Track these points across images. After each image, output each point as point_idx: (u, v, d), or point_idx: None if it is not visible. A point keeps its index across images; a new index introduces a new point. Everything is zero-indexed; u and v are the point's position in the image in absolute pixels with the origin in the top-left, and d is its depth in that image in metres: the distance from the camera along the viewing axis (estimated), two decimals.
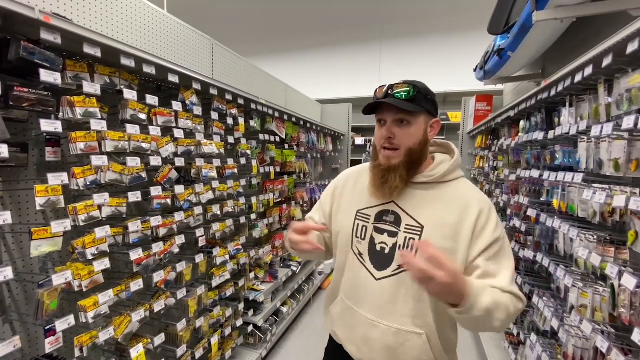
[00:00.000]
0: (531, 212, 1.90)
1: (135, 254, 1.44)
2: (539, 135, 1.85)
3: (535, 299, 1.82)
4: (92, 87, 1.23)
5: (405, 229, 0.94)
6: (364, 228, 1.01)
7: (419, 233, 0.93)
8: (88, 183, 1.26)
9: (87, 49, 1.20)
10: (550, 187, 1.75)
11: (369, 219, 1.01)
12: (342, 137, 5.08)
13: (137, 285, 1.46)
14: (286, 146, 3.14)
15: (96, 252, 1.29)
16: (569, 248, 1.58)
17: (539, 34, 2.01)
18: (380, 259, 0.96)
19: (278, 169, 2.90)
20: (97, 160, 1.24)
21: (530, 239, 1.99)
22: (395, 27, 6.92)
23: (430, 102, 0.96)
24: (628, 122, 1.06)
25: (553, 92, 1.67)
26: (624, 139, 1.19)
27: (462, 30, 6.38)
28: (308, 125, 3.58)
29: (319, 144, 4.02)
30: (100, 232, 1.28)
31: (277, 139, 2.86)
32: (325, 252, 1.12)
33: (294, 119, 3.14)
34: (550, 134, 1.71)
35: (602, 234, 1.37)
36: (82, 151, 1.23)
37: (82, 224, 1.25)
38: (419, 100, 0.92)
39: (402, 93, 0.92)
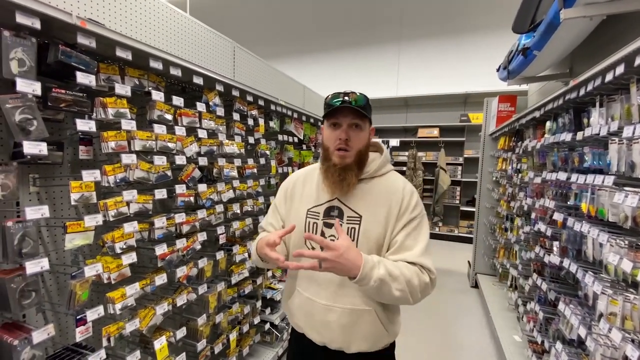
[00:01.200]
0: (557, 216, 1.84)
1: (160, 249, 1.49)
2: (566, 137, 1.78)
3: (561, 306, 1.75)
4: (123, 89, 1.29)
5: (347, 220, 1.08)
6: (315, 224, 1.12)
7: (358, 222, 1.06)
8: (118, 180, 1.32)
9: (119, 52, 1.26)
10: (578, 190, 1.69)
11: (318, 216, 1.12)
12: None
13: (161, 279, 1.51)
14: (304, 147, 3.17)
15: (124, 247, 1.34)
16: (598, 254, 1.51)
17: (567, 33, 1.95)
18: None
19: (296, 169, 2.92)
20: (126, 159, 1.30)
21: (556, 244, 1.92)
22: (414, 29, 6.85)
23: (371, 111, 1.12)
24: None
25: (582, 92, 1.61)
26: None
27: (482, 30, 6.24)
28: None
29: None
30: (129, 227, 1.34)
31: (295, 139, 2.89)
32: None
33: (311, 120, 3.17)
34: (579, 135, 1.65)
35: (633, 240, 1.31)
36: (112, 150, 1.29)
37: (111, 219, 1.31)
38: (367, 109, 1.08)
39: (357, 99, 1.05)
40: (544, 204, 2.10)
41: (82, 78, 1.14)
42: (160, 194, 1.48)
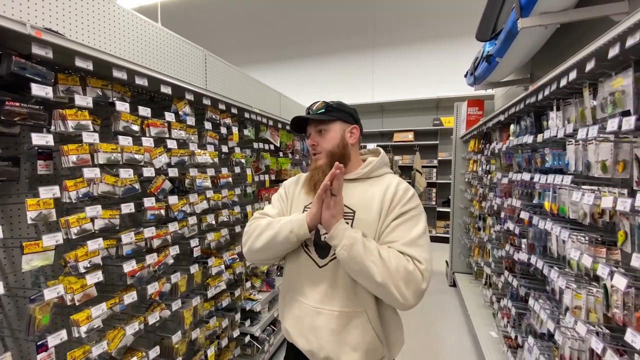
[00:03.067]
0: (524, 215, 1.92)
1: (129, 266, 1.43)
2: (528, 139, 1.87)
3: (531, 301, 1.82)
4: (84, 100, 1.24)
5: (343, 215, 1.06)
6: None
7: (352, 216, 1.08)
8: (80, 195, 1.26)
9: (79, 63, 1.20)
10: (541, 189, 1.77)
11: None
12: None
13: (130, 297, 1.44)
14: (281, 154, 3.15)
15: (89, 265, 1.28)
16: (561, 249, 1.59)
17: (525, 40, 2.06)
18: (323, 248, 1.08)
19: (273, 177, 2.90)
20: (89, 173, 1.24)
21: (524, 242, 2.00)
22: (388, 36, 7.03)
23: (344, 113, 1.15)
24: (612, 125, 1.09)
25: (540, 96, 1.70)
26: (610, 141, 1.21)
27: (452, 37, 6.49)
28: (303, 133, 3.59)
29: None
30: (93, 244, 1.27)
31: (272, 147, 2.87)
32: None
33: (287, 127, 3.16)
34: (540, 137, 1.74)
35: (593, 235, 1.38)
36: (74, 164, 1.23)
37: (74, 236, 1.24)
38: (331, 112, 1.13)
39: (317, 109, 1.14)
40: (511, 203, 2.19)
41: (38, 90, 1.08)
42: (128, 208, 1.42)
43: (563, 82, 1.43)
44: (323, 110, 1.13)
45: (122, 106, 1.39)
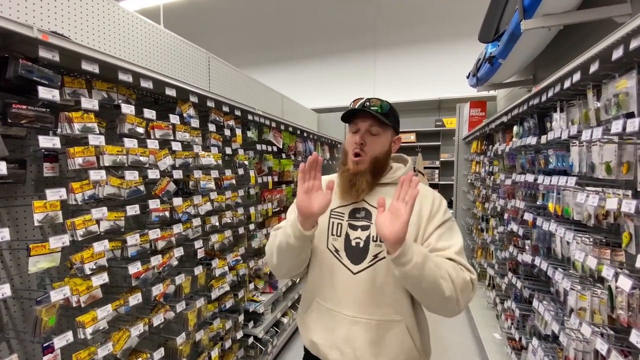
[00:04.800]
0: (528, 216, 1.92)
1: (134, 268, 1.43)
2: (532, 140, 1.87)
3: (535, 302, 1.82)
4: (90, 103, 1.25)
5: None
6: (339, 225, 1.07)
7: None
8: (86, 197, 1.26)
9: (85, 66, 1.21)
10: (545, 190, 1.77)
11: (343, 216, 1.07)
12: (339, 146, 5.11)
13: (135, 299, 1.45)
14: (283, 155, 3.16)
15: (94, 267, 1.28)
16: (566, 251, 1.59)
17: (528, 41, 2.06)
18: (356, 254, 1.02)
19: (276, 179, 2.91)
20: (95, 175, 1.25)
21: (528, 243, 2.00)
22: (389, 37, 7.03)
23: (396, 121, 1.10)
24: (617, 126, 1.09)
25: (544, 98, 1.70)
26: (614, 143, 1.21)
27: (454, 38, 6.49)
28: (305, 134, 3.60)
29: (317, 152, 4.04)
30: (99, 246, 1.28)
31: (275, 148, 2.88)
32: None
33: (290, 129, 3.17)
34: (543, 139, 1.74)
35: (597, 237, 1.38)
36: (80, 166, 1.24)
37: (80, 238, 1.25)
38: (389, 117, 1.06)
39: (378, 106, 1.04)
40: (515, 205, 2.19)
41: (45, 93, 1.09)
42: (133, 210, 1.43)
43: (567, 84, 1.44)
44: (387, 111, 1.04)
45: (128, 109, 1.40)
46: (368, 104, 1.04)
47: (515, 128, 2.29)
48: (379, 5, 6.75)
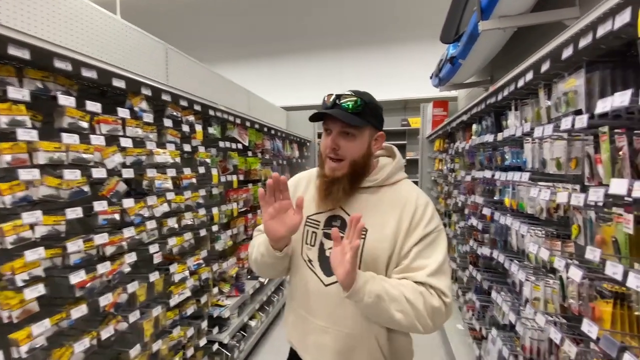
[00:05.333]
0: (486, 211, 1.99)
1: (77, 277, 1.30)
2: (489, 138, 1.95)
3: (493, 294, 1.89)
4: (19, 93, 1.10)
5: None
6: (314, 234, 1.02)
7: (364, 236, 0.94)
8: (17, 200, 1.12)
9: (13, 51, 1.07)
10: (501, 186, 1.85)
11: (318, 225, 1.02)
12: (308, 144, 5.07)
13: (79, 311, 1.31)
14: (250, 153, 3.06)
15: (28, 278, 1.14)
16: (521, 244, 1.66)
17: (486, 42, 2.14)
18: (329, 265, 0.93)
19: (242, 177, 2.81)
20: (26, 175, 1.11)
21: (487, 237, 2.08)
22: (357, 37, 7.09)
23: (376, 116, 0.98)
24: (566, 123, 1.14)
25: (500, 97, 1.77)
26: (564, 139, 1.28)
27: (419, 39, 6.68)
28: (273, 132, 3.52)
29: (285, 150, 3.97)
30: (32, 254, 1.14)
31: (240, 146, 2.78)
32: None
33: (257, 126, 3.08)
34: (499, 136, 1.81)
35: (549, 229, 1.45)
36: (8, 164, 1.09)
37: (10, 246, 1.10)
38: (365, 114, 0.93)
39: (349, 104, 0.92)
40: (474, 200, 2.27)
41: None
42: (74, 213, 1.29)
43: (520, 83, 1.49)
44: (359, 110, 0.92)
45: (67, 100, 1.26)
46: (339, 101, 0.92)
47: (474, 126, 2.37)
48: (347, 5, 6.79)
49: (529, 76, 1.41)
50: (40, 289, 1.16)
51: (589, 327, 1.01)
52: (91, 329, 1.43)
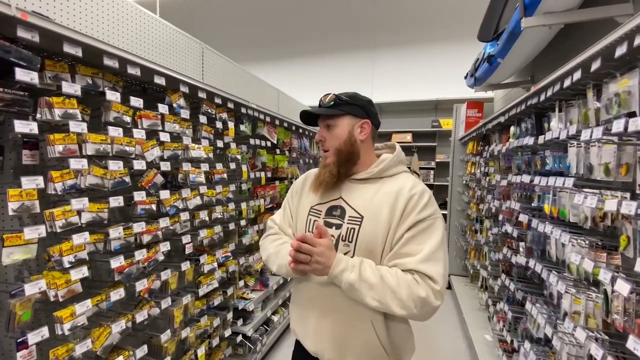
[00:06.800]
0: (523, 218, 1.89)
1: (117, 262, 1.38)
2: (529, 141, 1.85)
3: (528, 305, 1.80)
4: (72, 88, 1.19)
5: (349, 220, 1.03)
6: (316, 223, 1.06)
7: (359, 222, 1.01)
8: (67, 187, 1.21)
9: (68, 48, 1.16)
10: (541, 192, 1.74)
11: (320, 214, 1.09)
12: None
13: (118, 294, 1.39)
14: (278, 151, 3.11)
15: (74, 260, 1.23)
16: (561, 253, 1.56)
17: (528, 40, 2.03)
18: None
19: (269, 175, 2.86)
20: (76, 164, 1.19)
21: (522, 245, 1.98)
22: (388, 36, 6.99)
23: (355, 106, 1.07)
24: (618, 126, 1.06)
25: (542, 98, 1.67)
26: (614, 143, 1.19)
27: (452, 38, 6.47)
28: (300, 130, 3.56)
29: (312, 149, 4.00)
30: (79, 238, 1.22)
31: (269, 144, 2.83)
32: None
33: (285, 124, 3.12)
34: (540, 139, 1.71)
35: (593, 239, 1.36)
36: (60, 154, 1.18)
37: (59, 230, 1.19)
38: (340, 106, 1.06)
39: (327, 103, 1.08)
40: (510, 206, 2.16)
41: (22, 75, 1.03)
42: (117, 201, 1.37)
43: (567, 83, 1.41)
44: (332, 103, 1.07)
45: (113, 96, 1.34)
46: (321, 103, 1.10)
47: (512, 129, 2.26)
48: (378, 4, 6.71)
49: (577, 75, 1.32)
50: (84, 271, 1.25)
51: (635, 345, 0.93)
52: (126, 312, 1.51)
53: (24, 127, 1.04)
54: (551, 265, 1.66)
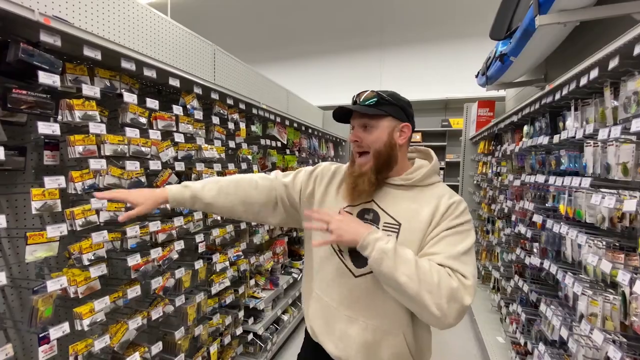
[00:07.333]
0: (537, 218, 1.87)
1: (133, 260, 1.41)
2: (543, 140, 1.82)
3: (542, 307, 1.77)
4: (91, 90, 1.22)
5: (384, 226, 0.97)
6: (340, 210, 1.03)
7: (397, 230, 0.96)
8: (86, 187, 1.24)
9: (87, 52, 1.19)
10: (556, 192, 1.72)
11: None
12: (343, 143, 5.07)
13: (134, 292, 1.42)
14: (287, 151, 3.13)
15: (93, 258, 1.26)
16: (577, 255, 1.54)
17: (542, 38, 2.01)
18: (360, 257, 0.94)
19: None
20: (95, 164, 1.22)
21: (536, 246, 1.95)
22: (397, 35, 6.96)
23: (397, 107, 1.00)
24: (637, 125, 1.04)
25: (557, 96, 1.65)
26: (633, 142, 1.16)
27: (462, 37, 6.41)
28: (309, 130, 3.57)
29: (321, 149, 4.01)
30: (97, 237, 1.26)
31: (279, 144, 2.85)
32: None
33: (295, 125, 3.14)
34: (556, 139, 1.69)
35: (610, 240, 1.33)
36: (80, 155, 1.22)
37: (79, 228, 1.22)
38: (382, 105, 0.98)
39: (365, 100, 0.98)
40: (523, 206, 2.14)
41: (45, 78, 1.06)
42: None
43: (583, 81, 1.38)
44: (374, 102, 0.97)
45: (130, 97, 1.37)
46: (358, 99, 1.00)
47: (525, 128, 2.23)
48: (387, 3, 6.68)
49: (594, 74, 1.30)
50: (103, 269, 1.28)
51: None
52: (142, 309, 1.54)
53: (46, 128, 1.08)
54: (566, 267, 1.63)
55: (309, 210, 0.94)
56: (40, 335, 1.13)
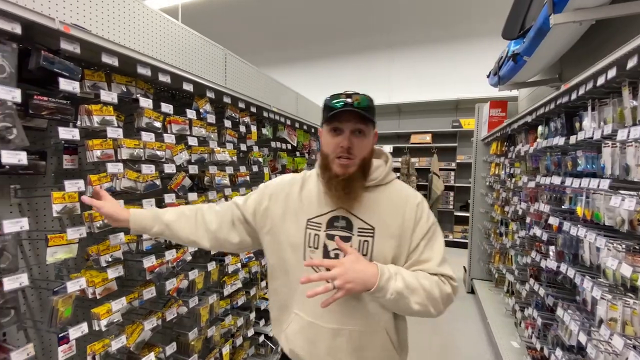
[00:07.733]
0: (553, 220, 1.83)
1: (149, 262, 1.43)
2: (559, 141, 1.79)
3: (559, 311, 1.73)
4: (109, 96, 1.25)
5: (359, 232, 0.97)
6: (316, 236, 0.98)
7: (372, 234, 0.96)
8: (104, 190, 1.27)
9: (105, 58, 1.22)
10: (572, 194, 1.68)
11: (320, 227, 0.98)
12: None
13: (149, 293, 1.45)
14: (297, 154, 3.14)
15: (110, 260, 1.29)
16: (595, 258, 1.50)
17: (557, 38, 1.97)
18: None
19: None
20: (112, 168, 1.25)
21: (553, 249, 1.91)
22: (406, 35, 6.93)
23: (375, 114, 0.99)
24: None
25: (574, 96, 1.62)
26: None
27: (473, 37, 6.34)
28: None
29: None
30: (115, 239, 1.28)
31: (289, 146, 2.86)
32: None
33: (305, 127, 3.15)
34: (572, 139, 1.66)
35: (630, 243, 1.30)
36: (98, 159, 1.25)
37: (97, 231, 1.25)
38: (372, 111, 0.95)
39: (361, 103, 0.92)
40: (538, 208, 2.10)
41: (66, 85, 1.10)
42: (149, 203, 1.43)
43: (601, 81, 1.36)
44: (368, 107, 0.93)
45: (146, 102, 1.40)
46: (350, 100, 0.91)
47: (540, 128, 2.19)
48: (396, 4, 6.66)
49: (612, 73, 1.27)
50: (120, 270, 1.31)
51: None
52: (157, 310, 1.57)
53: (67, 133, 1.11)
54: (584, 270, 1.59)
55: (307, 261, 0.94)
56: (60, 335, 1.16)
